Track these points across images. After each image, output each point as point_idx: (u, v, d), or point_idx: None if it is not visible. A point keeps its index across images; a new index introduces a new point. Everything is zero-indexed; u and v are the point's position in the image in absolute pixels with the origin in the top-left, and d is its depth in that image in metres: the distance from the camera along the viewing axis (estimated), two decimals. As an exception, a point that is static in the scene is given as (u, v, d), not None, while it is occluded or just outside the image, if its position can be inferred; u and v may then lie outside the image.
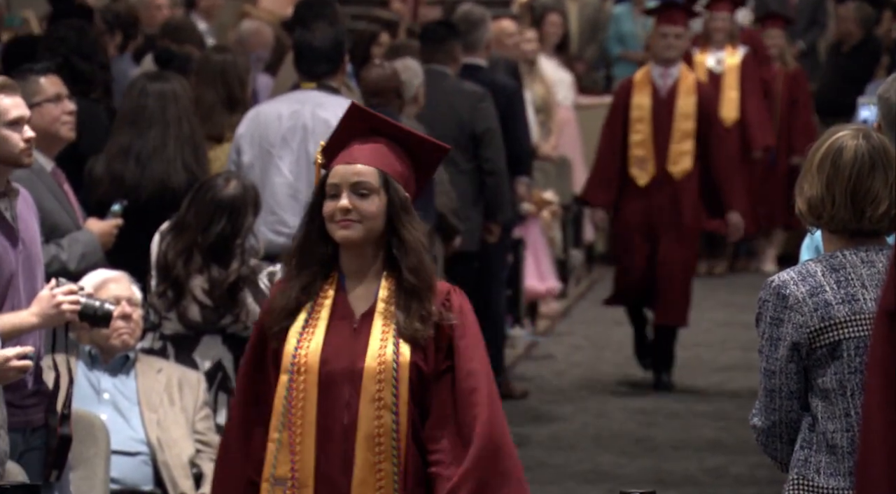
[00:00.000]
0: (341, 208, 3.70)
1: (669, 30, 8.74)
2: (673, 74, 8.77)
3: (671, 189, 8.69)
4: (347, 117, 3.76)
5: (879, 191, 3.62)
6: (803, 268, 3.65)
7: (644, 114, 8.71)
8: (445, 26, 8.14)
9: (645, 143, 8.72)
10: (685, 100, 8.70)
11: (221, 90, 6.68)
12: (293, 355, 3.71)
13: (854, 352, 3.59)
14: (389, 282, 3.74)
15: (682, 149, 8.70)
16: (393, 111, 6.76)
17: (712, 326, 10.45)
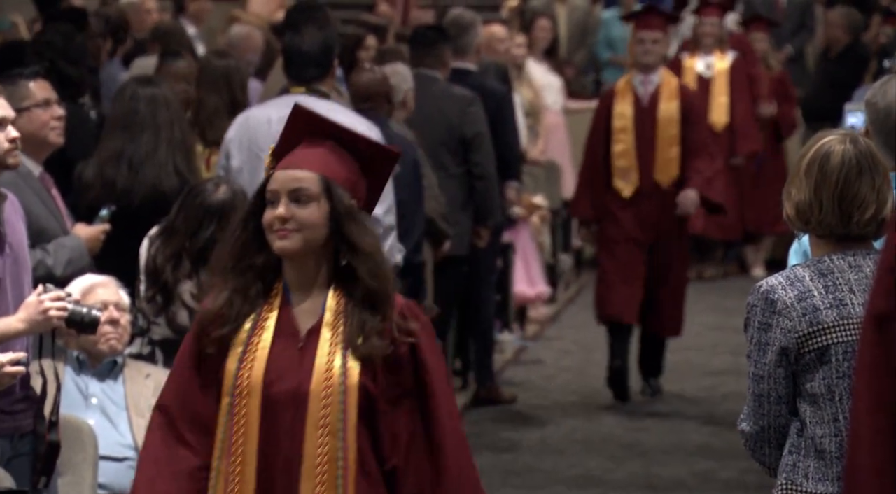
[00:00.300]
0: (279, 216, 3.43)
1: (647, 35, 8.55)
2: (654, 81, 8.56)
3: (659, 198, 8.47)
4: (291, 120, 3.53)
5: (867, 195, 3.62)
6: (791, 273, 3.65)
7: (626, 123, 8.51)
8: (435, 31, 8.15)
9: (628, 153, 8.50)
10: (668, 106, 8.51)
11: (225, 95, 6.69)
12: (236, 376, 3.43)
13: (842, 357, 3.59)
14: (338, 295, 3.45)
15: (669, 156, 8.50)
16: (382, 116, 6.76)
17: (702, 330, 10.45)
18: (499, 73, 9.27)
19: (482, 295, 8.53)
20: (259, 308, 3.46)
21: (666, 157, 8.47)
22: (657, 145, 8.45)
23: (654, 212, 8.46)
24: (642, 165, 8.45)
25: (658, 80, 8.54)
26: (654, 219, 8.47)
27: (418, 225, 6.75)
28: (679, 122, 8.47)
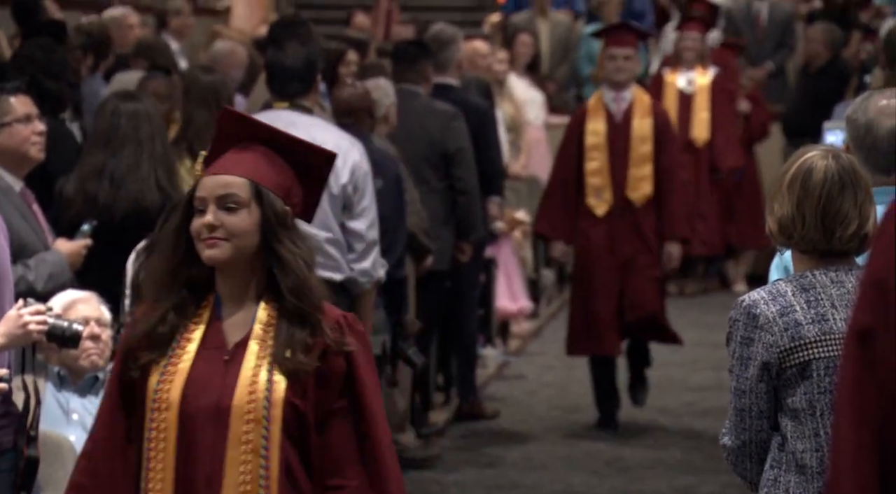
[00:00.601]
0: (206, 224, 3.27)
1: (618, 52, 8.30)
2: (626, 98, 8.35)
3: (632, 217, 8.29)
4: (221, 123, 3.38)
5: (849, 211, 3.63)
6: (773, 288, 3.66)
7: (599, 141, 8.29)
8: (417, 46, 8.16)
9: (601, 171, 8.28)
10: (641, 123, 8.30)
11: (214, 109, 6.70)
12: (155, 390, 3.27)
13: (824, 372, 3.60)
14: (269, 307, 3.29)
15: (641, 174, 8.29)
16: (364, 130, 6.76)
17: (684, 346, 10.46)
18: (481, 89, 9.28)
19: (465, 310, 8.53)
20: (187, 322, 3.31)
21: (639, 175, 8.29)
22: (630, 163, 8.28)
23: (628, 231, 8.29)
24: (615, 183, 8.28)
25: (630, 97, 8.37)
26: (628, 238, 8.28)
27: (401, 240, 6.75)
28: (652, 140, 8.30)
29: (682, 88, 11.84)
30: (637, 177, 8.27)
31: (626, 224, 8.28)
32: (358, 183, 6.00)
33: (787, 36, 13.41)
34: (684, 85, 11.85)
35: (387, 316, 6.79)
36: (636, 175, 8.28)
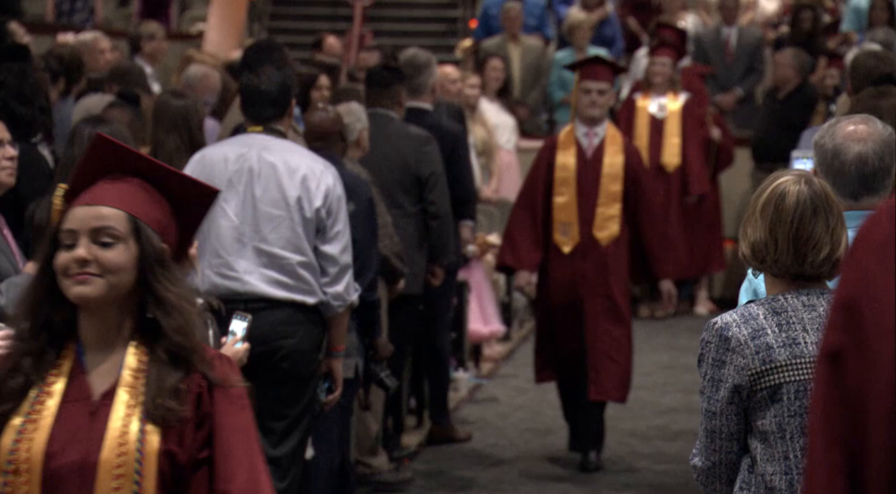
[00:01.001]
0: (77, 259, 2.99)
1: (593, 85, 7.99)
2: (599, 133, 8.05)
3: (598, 256, 7.98)
4: (93, 150, 3.10)
5: (821, 236, 3.66)
6: (746, 311, 3.69)
7: (569, 176, 7.99)
8: (390, 70, 8.18)
9: (569, 207, 7.99)
10: (612, 161, 7.99)
11: (184, 134, 6.70)
12: (10, 450, 2.97)
13: (794, 396, 3.62)
14: (139, 351, 3.03)
15: (609, 213, 7.98)
16: (336, 154, 6.77)
17: (654, 369, 10.50)
18: (452, 113, 9.31)
19: (438, 333, 8.54)
20: (45, 372, 3.02)
21: (607, 214, 7.99)
22: (599, 201, 7.99)
23: (593, 270, 7.98)
24: (583, 221, 7.99)
25: (603, 132, 8.07)
26: (593, 278, 7.98)
27: (373, 263, 6.76)
28: (622, 179, 7.99)
29: (653, 113, 11.89)
30: (605, 215, 7.99)
31: (591, 263, 7.98)
32: (331, 206, 6.01)
33: (756, 61, 13.50)
34: (655, 110, 11.90)
35: (359, 339, 6.79)
36: (604, 214, 7.99)
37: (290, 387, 5.96)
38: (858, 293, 2.03)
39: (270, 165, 6.01)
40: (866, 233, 2.06)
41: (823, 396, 2.06)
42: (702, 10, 14.12)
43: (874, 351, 2.01)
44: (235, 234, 6.00)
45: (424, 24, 15.41)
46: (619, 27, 14.02)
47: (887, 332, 2.00)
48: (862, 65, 7.06)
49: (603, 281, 7.98)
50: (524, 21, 13.70)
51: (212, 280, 5.95)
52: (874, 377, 2.01)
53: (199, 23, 14.32)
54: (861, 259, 2.05)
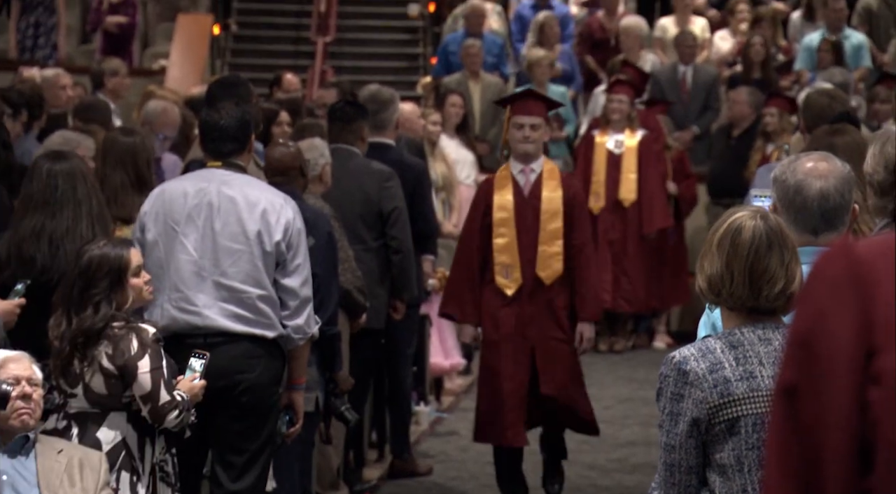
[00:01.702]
0: None
1: (525, 120, 7.60)
2: (535, 169, 7.70)
3: (543, 296, 7.66)
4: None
5: (776, 270, 3.71)
6: (703, 345, 3.73)
7: (507, 216, 7.64)
8: (354, 106, 8.21)
9: (510, 248, 7.64)
10: (551, 196, 7.66)
11: (130, 172, 6.69)
12: None
13: (752, 429, 3.66)
14: None
15: (551, 252, 7.65)
16: (296, 189, 6.80)
17: (613, 402, 10.53)
18: (412, 148, 9.35)
19: (399, 367, 8.55)
20: None
21: (549, 253, 7.66)
22: (540, 240, 7.66)
23: (539, 312, 7.64)
24: (525, 261, 7.64)
25: (539, 168, 7.72)
26: (540, 320, 7.65)
27: (333, 297, 6.78)
28: (563, 215, 7.66)
29: (610, 149, 11.93)
30: (547, 254, 7.66)
31: (537, 305, 7.65)
32: (291, 240, 6.03)
33: (712, 99, 13.61)
34: (613, 146, 11.97)
35: (320, 373, 6.80)
36: (546, 252, 7.66)
37: (250, 421, 5.96)
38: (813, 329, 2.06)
39: (230, 199, 6.02)
40: (820, 270, 2.09)
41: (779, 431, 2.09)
42: (658, 48, 14.23)
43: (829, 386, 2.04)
44: (195, 268, 6.00)
45: (385, 61, 15.46)
46: (577, 64, 14.11)
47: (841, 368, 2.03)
48: (815, 103, 7.14)
49: (551, 322, 7.66)
50: (483, 60, 13.78)
51: (171, 314, 5.95)
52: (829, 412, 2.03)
53: (161, 59, 14.33)
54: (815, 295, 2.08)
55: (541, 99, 7.96)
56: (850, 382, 2.02)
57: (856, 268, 2.04)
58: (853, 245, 2.07)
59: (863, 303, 2.03)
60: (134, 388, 5.43)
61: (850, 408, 2.02)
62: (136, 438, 5.46)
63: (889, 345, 2.01)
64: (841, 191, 4.08)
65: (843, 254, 2.07)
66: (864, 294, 2.03)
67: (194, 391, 5.62)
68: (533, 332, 7.67)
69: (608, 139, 11.94)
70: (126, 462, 5.42)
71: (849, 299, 2.03)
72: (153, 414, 5.45)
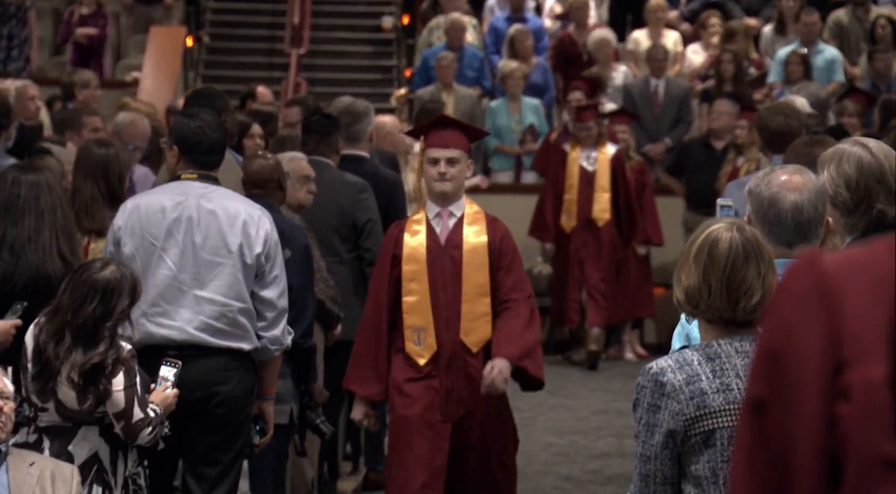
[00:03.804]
0: None
1: (440, 153, 6.35)
2: (455, 213, 6.45)
3: (464, 366, 6.38)
4: None
5: (753, 282, 3.73)
6: (680, 357, 3.74)
7: (418, 269, 6.35)
8: (328, 119, 8.21)
9: (421, 307, 6.33)
10: (474, 245, 6.37)
11: (102, 184, 6.66)
12: None
13: (727, 441, 3.66)
14: None
15: (478, 312, 6.34)
16: (272, 201, 6.79)
17: (588, 414, 10.54)
18: (386, 161, 9.36)
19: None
20: None
21: (475, 313, 6.36)
22: (463, 297, 6.36)
23: (459, 385, 6.36)
24: (441, 323, 6.33)
25: (460, 211, 6.44)
26: (462, 394, 6.37)
27: (309, 309, 6.77)
28: (488, 267, 6.37)
29: (583, 166, 11.84)
30: (473, 315, 6.36)
31: (455, 376, 6.37)
32: (270, 252, 6.03)
33: (684, 112, 13.65)
34: (586, 163, 11.87)
35: (294, 385, 6.79)
36: (472, 313, 6.36)
37: (225, 434, 5.95)
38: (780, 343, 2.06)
39: (210, 212, 6.01)
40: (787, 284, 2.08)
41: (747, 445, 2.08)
42: (630, 61, 14.27)
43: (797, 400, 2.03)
44: (174, 283, 5.98)
45: (360, 74, 15.47)
46: (552, 76, 14.14)
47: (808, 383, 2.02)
48: (770, 123, 7.16)
49: (477, 396, 6.34)
50: (463, 73, 13.79)
51: (147, 329, 5.92)
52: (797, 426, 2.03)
53: (134, 71, 14.30)
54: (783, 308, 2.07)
55: (460, 127, 6.63)
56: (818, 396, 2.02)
57: (823, 281, 2.04)
58: (820, 258, 2.07)
59: (831, 317, 2.02)
60: (108, 406, 5.41)
61: (819, 422, 2.01)
62: (108, 451, 5.44)
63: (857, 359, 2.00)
64: (815, 203, 4.10)
65: (810, 268, 2.06)
66: (831, 307, 2.02)
67: (168, 401, 5.61)
68: (454, 411, 6.35)
69: (581, 155, 11.84)
70: (98, 476, 5.40)
71: (816, 312, 2.03)
72: (126, 432, 5.43)
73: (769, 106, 8.41)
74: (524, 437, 9.89)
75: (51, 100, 11.01)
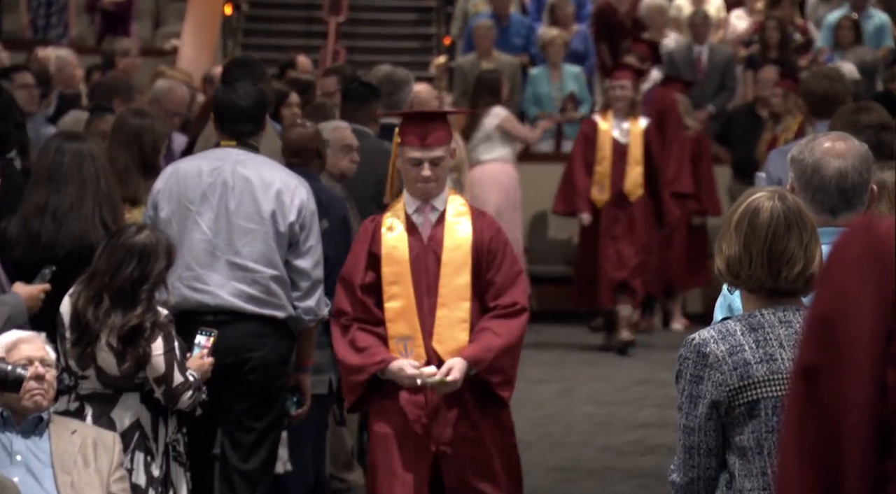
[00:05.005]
0: None
1: (422, 155, 5.56)
2: (437, 207, 5.66)
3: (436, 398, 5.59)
4: None
5: (794, 251, 3.69)
6: (723, 327, 3.70)
7: (401, 270, 5.60)
8: (368, 87, 8.19)
9: (406, 313, 5.58)
10: (456, 243, 5.63)
11: (136, 153, 6.68)
12: None
13: (771, 412, 3.64)
14: None
15: (454, 318, 5.59)
16: (312, 171, 6.78)
17: (630, 384, 10.51)
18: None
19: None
20: None
21: (451, 319, 5.62)
22: (440, 301, 5.62)
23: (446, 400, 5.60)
24: (427, 331, 5.61)
25: (442, 206, 5.67)
26: (447, 414, 5.62)
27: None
28: (470, 268, 5.63)
29: (616, 138, 11.25)
30: (448, 321, 5.62)
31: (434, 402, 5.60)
32: (304, 221, 6.03)
33: (728, 79, 13.54)
34: (618, 135, 11.26)
35: (333, 355, 6.79)
36: (447, 319, 5.62)
37: (258, 400, 5.97)
38: (833, 309, 2.05)
39: (245, 179, 6.03)
40: (841, 250, 2.07)
41: (797, 412, 2.07)
42: (673, 27, 14.17)
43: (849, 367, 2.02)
44: (208, 247, 6.01)
45: (399, 41, 15.43)
46: (593, 44, 14.05)
47: (862, 348, 2.01)
48: (815, 88, 7.08)
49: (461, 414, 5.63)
50: (510, 41, 13.71)
51: (182, 292, 5.96)
52: (849, 393, 2.02)
53: (173, 39, 14.31)
54: (835, 275, 2.06)
55: (441, 120, 5.75)
56: (871, 362, 2.01)
57: (877, 246, 2.03)
58: (874, 223, 2.05)
59: (885, 282, 2.01)
60: (147, 371, 5.44)
61: (870, 389, 2.01)
62: (149, 418, 5.48)
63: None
64: (859, 169, 4.05)
65: (863, 233, 2.05)
66: (886, 272, 2.01)
67: (204, 368, 5.64)
68: (440, 430, 5.61)
69: (613, 128, 11.28)
70: (140, 442, 5.44)
71: (870, 277, 2.02)
72: (167, 396, 5.46)
73: (815, 70, 8.32)
74: (563, 407, 9.92)
75: (90, 68, 11.03)
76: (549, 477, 8.31)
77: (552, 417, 9.48)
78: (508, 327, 5.63)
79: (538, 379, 10.17)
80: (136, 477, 5.38)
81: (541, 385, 9.64)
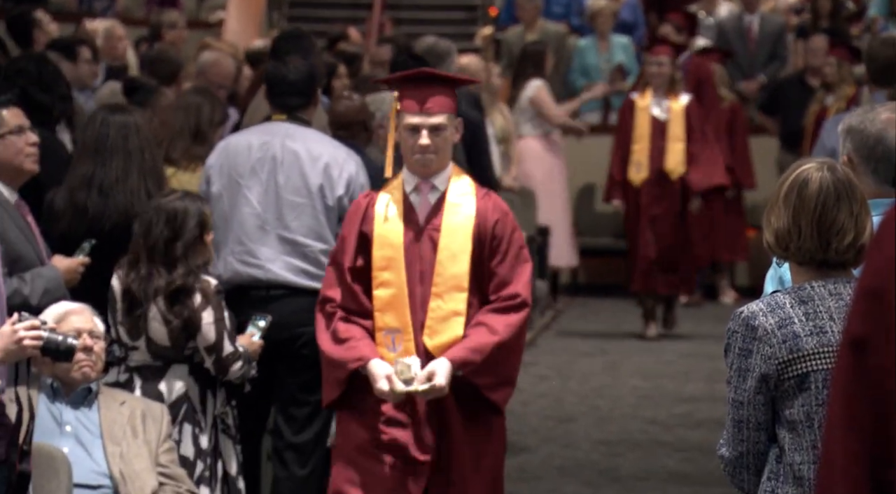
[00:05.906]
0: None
1: (421, 120, 5.04)
2: (438, 186, 5.11)
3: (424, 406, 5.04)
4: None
5: (845, 222, 3.64)
6: (772, 300, 3.67)
7: (393, 256, 5.04)
8: (414, 59, 8.16)
9: (397, 303, 5.02)
10: (455, 227, 5.05)
11: (192, 120, 6.77)
12: None
13: (822, 385, 3.60)
14: None
15: (448, 310, 5.04)
16: (360, 143, 6.78)
17: (676, 357, 10.48)
18: (471, 101, 9.28)
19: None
20: None
21: (445, 311, 5.05)
22: (434, 290, 5.05)
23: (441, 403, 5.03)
24: (418, 324, 5.05)
25: (443, 185, 5.13)
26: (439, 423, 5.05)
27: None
28: (470, 255, 5.06)
29: (655, 116, 10.82)
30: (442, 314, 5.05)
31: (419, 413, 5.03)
32: (354, 194, 6.04)
33: (779, 48, 13.43)
34: (658, 113, 10.83)
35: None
36: (441, 310, 5.04)
37: (311, 374, 5.98)
38: (884, 281, 2.03)
39: (293, 153, 6.04)
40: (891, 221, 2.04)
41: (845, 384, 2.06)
42: (723, -3, 14.07)
43: (897, 339, 1.99)
44: (258, 222, 6.04)
45: (444, 13, 15.38)
46: (642, 14, 13.96)
47: (911, 320, 1.98)
48: (878, 54, 6.99)
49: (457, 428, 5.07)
50: (551, 8, 13.63)
51: (234, 267, 5.99)
52: (896, 365, 1.98)
53: (219, 11, 14.31)
54: (887, 247, 2.04)
55: (445, 83, 5.19)
56: (918, 335, 1.98)
57: (930, 218, 2.00)
58: (926, 194, 2.02)
59: (936, 255, 1.98)
60: (198, 340, 5.48)
61: (920, 361, 1.97)
62: (197, 390, 5.51)
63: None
64: (921, 142, 3.99)
65: (916, 205, 2.02)
66: (937, 244, 1.98)
67: (253, 348, 5.66)
68: (429, 440, 5.03)
69: (652, 105, 10.83)
70: (189, 414, 5.46)
71: (921, 249, 1.99)
72: (217, 366, 5.49)
73: (881, 37, 8.19)
74: (610, 381, 9.90)
75: (138, 40, 11.05)
76: (596, 451, 8.30)
77: (599, 390, 9.45)
78: (506, 322, 5.01)
79: (585, 352, 10.14)
80: (183, 449, 5.41)
81: (588, 358, 9.61)
